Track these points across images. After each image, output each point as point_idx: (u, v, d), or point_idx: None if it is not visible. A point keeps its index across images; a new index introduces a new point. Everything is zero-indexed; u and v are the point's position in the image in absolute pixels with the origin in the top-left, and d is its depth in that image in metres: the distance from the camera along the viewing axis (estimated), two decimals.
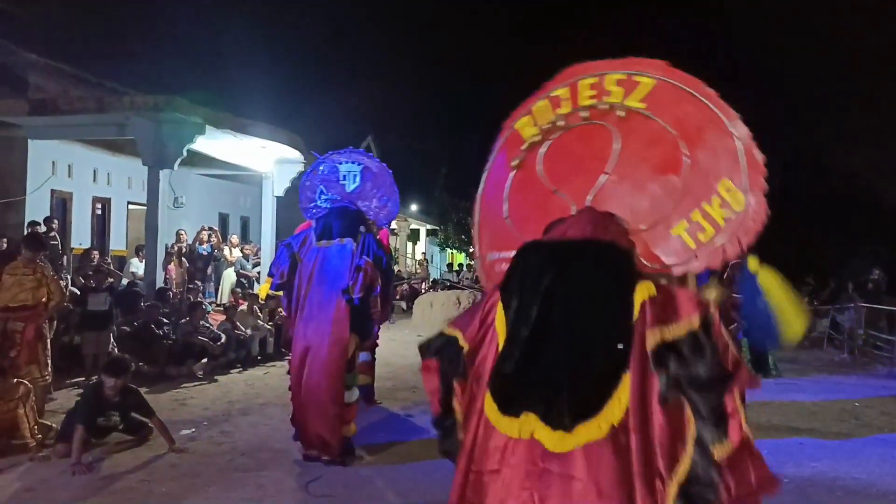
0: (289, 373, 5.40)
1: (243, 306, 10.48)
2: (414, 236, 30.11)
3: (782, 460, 5.31)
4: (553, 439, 2.18)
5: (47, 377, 6.01)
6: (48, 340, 6.09)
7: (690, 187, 2.58)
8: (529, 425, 2.23)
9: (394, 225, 15.24)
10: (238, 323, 9.78)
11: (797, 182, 24.05)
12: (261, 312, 10.49)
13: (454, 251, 29.07)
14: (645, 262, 2.51)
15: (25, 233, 9.44)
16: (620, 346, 2.23)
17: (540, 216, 2.77)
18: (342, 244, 5.20)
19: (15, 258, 6.46)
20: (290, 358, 5.94)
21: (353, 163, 5.73)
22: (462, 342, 2.54)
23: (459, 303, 14.28)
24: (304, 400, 5.11)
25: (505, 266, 2.65)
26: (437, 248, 30.04)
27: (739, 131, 2.55)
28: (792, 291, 2.59)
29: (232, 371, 9.05)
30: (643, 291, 2.29)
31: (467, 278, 20.16)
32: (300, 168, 13.75)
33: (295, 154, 12.80)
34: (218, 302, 12.38)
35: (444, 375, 2.58)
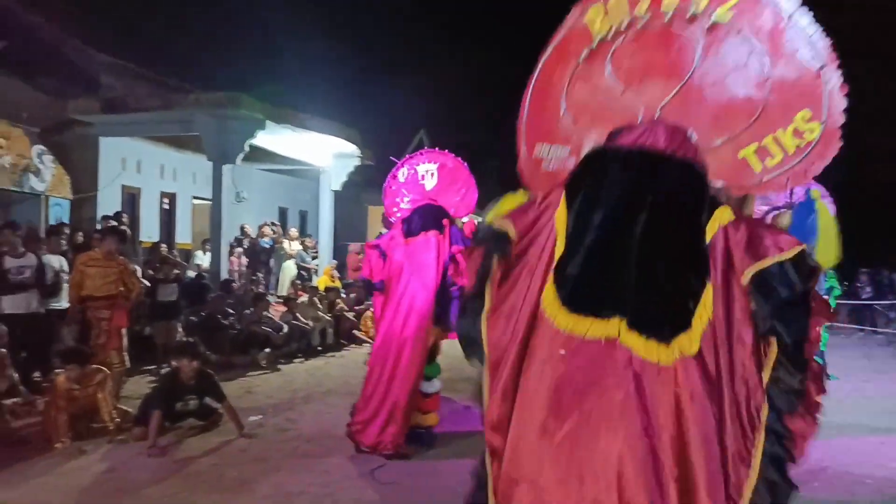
0: (367, 363, 5.46)
1: (304, 298, 10.71)
2: None
3: (861, 460, 5.07)
4: (649, 348, 2.15)
5: (126, 363, 6.27)
6: (125, 329, 6.36)
7: (768, 111, 2.50)
8: (613, 328, 2.18)
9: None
10: (299, 314, 10.00)
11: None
12: (320, 304, 10.69)
13: None
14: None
15: (98, 227, 9.88)
16: (697, 267, 2.21)
17: (604, 118, 2.69)
18: (426, 237, 5.28)
19: (92, 250, 6.77)
20: (350, 349, 6.00)
21: (429, 162, 5.79)
22: (512, 234, 2.47)
23: None
24: (379, 390, 5.14)
25: (556, 166, 2.60)
26: None
27: (826, 60, 2.43)
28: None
29: (294, 361, 9.26)
30: (722, 216, 2.26)
31: None
32: (356, 162, 13.94)
33: (351, 148, 12.97)
34: (278, 294, 12.68)
35: (486, 257, 2.52)
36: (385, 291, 5.31)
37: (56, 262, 7.25)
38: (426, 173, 5.73)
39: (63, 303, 7.21)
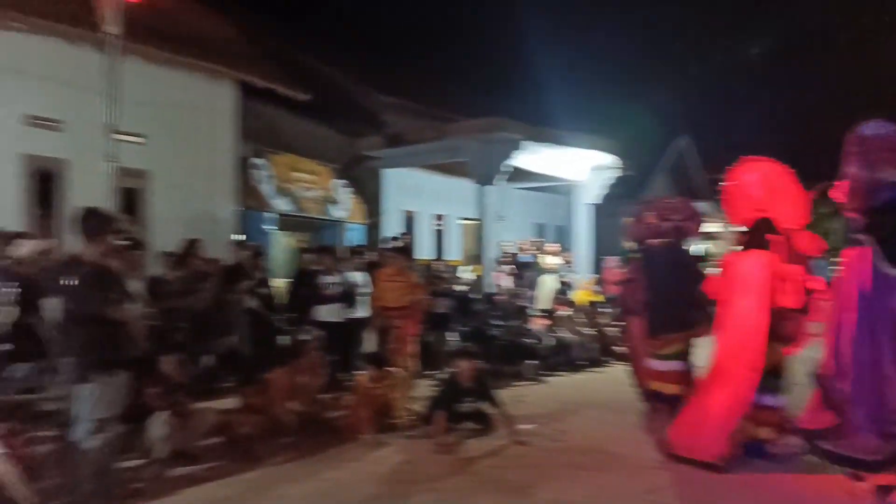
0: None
1: (565, 312, 10.79)
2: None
3: None
4: None
5: (416, 368, 6.99)
6: (415, 337, 7.09)
7: None
8: None
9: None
10: (561, 328, 10.11)
11: None
12: (581, 318, 10.68)
13: None
14: None
15: (387, 246, 11.22)
16: None
17: None
18: (756, 253, 5.22)
19: (384, 267, 7.69)
20: (613, 364, 5.89)
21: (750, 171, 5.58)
22: None
23: None
24: (709, 399, 5.06)
25: None
26: None
27: None
28: None
29: (557, 373, 9.36)
30: None
31: None
32: (615, 173, 13.70)
33: (610, 159, 12.78)
34: (537, 307, 12.97)
35: None
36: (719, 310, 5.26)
37: (357, 278, 8.38)
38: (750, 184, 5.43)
39: (360, 313, 8.32)
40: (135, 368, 4.47)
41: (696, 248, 6.21)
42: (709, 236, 13.61)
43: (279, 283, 8.75)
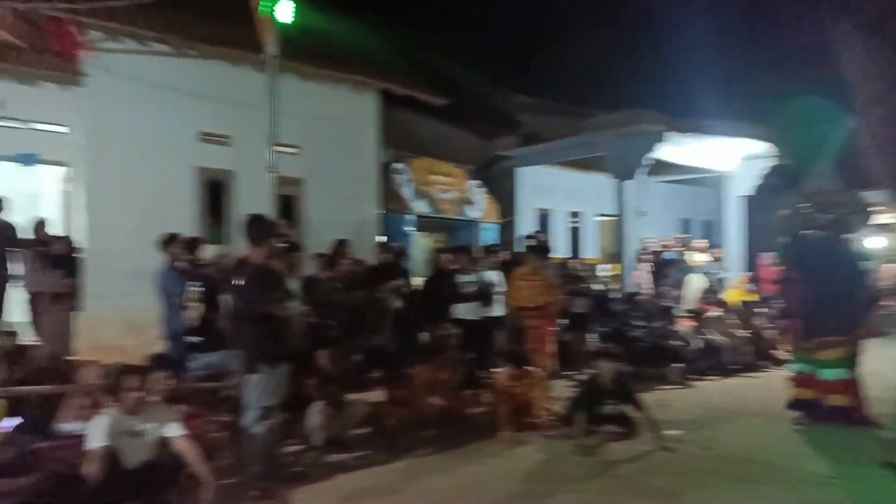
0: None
1: (714, 312, 10.18)
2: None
3: None
4: None
5: (554, 368, 6.96)
6: (552, 337, 7.06)
7: None
8: None
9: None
10: (709, 329, 9.55)
11: None
12: (733, 319, 10.02)
13: None
14: None
15: (522, 246, 11.23)
16: None
17: None
18: None
19: (519, 266, 7.72)
20: (769, 369, 5.46)
21: None
22: None
23: None
24: None
25: None
26: None
27: None
28: None
29: (706, 378, 8.86)
30: None
31: None
32: (770, 162, 12.70)
33: (763, 147, 11.86)
34: (683, 307, 12.34)
35: None
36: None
37: (492, 277, 8.48)
38: None
39: (496, 312, 8.41)
40: (295, 361, 4.88)
41: (868, 242, 5.61)
42: (884, 229, 12.19)
43: (418, 283, 9.08)
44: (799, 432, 5.98)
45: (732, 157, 12.68)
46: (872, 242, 11.72)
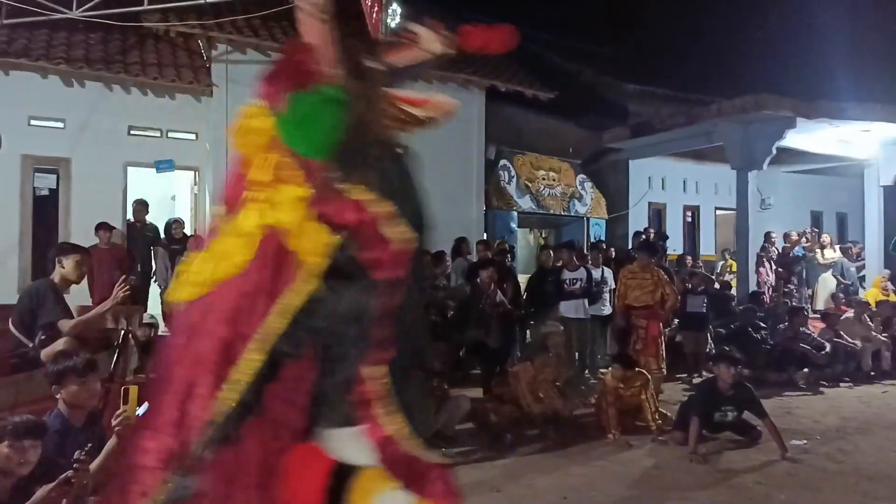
0: None
1: (849, 314, 9.33)
2: None
3: None
4: None
5: (663, 370, 6.66)
6: (664, 338, 6.76)
7: None
8: None
9: None
10: (843, 332, 8.75)
11: None
12: (871, 321, 9.12)
13: None
14: None
15: (630, 243, 10.84)
16: None
17: None
18: None
19: (630, 263, 7.45)
20: None
21: None
22: None
23: None
24: None
25: None
26: None
27: None
28: None
29: (840, 384, 8.14)
30: None
31: None
32: None
33: None
34: (813, 308, 11.39)
35: None
36: None
37: (601, 274, 8.25)
38: None
39: (605, 311, 8.17)
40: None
41: None
42: None
43: (523, 279, 9.01)
44: None
45: (872, 145, 11.50)
46: None
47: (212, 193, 9.04)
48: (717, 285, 11.04)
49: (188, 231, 8.85)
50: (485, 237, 10.30)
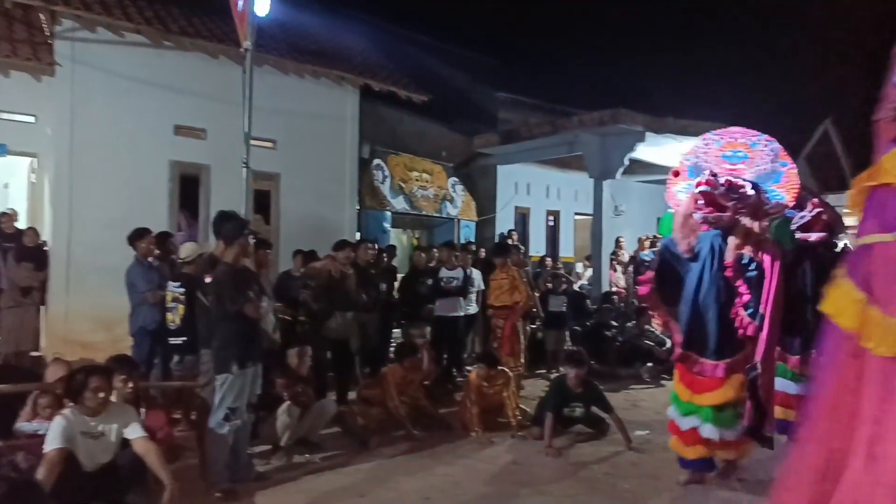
0: None
1: None
2: None
3: None
4: None
5: (520, 367, 6.97)
6: (521, 336, 7.07)
7: None
8: None
9: None
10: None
11: None
12: None
13: None
14: None
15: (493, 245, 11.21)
16: None
17: None
18: None
19: (493, 266, 7.72)
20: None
21: None
22: None
23: None
24: None
25: None
26: None
27: None
28: None
29: None
30: None
31: None
32: None
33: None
34: None
35: None
36: None
37: (470, 274, 8.46)
38: None
39: (471, 310, 8.41)
40: (265, 360, 4.83)
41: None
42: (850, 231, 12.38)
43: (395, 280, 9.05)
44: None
45: None
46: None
47: (52, 182, 8.21)
48: (575, 287, 11.78)
49: (21, 225, 7.96)
50: (358, 237, 10.22)
